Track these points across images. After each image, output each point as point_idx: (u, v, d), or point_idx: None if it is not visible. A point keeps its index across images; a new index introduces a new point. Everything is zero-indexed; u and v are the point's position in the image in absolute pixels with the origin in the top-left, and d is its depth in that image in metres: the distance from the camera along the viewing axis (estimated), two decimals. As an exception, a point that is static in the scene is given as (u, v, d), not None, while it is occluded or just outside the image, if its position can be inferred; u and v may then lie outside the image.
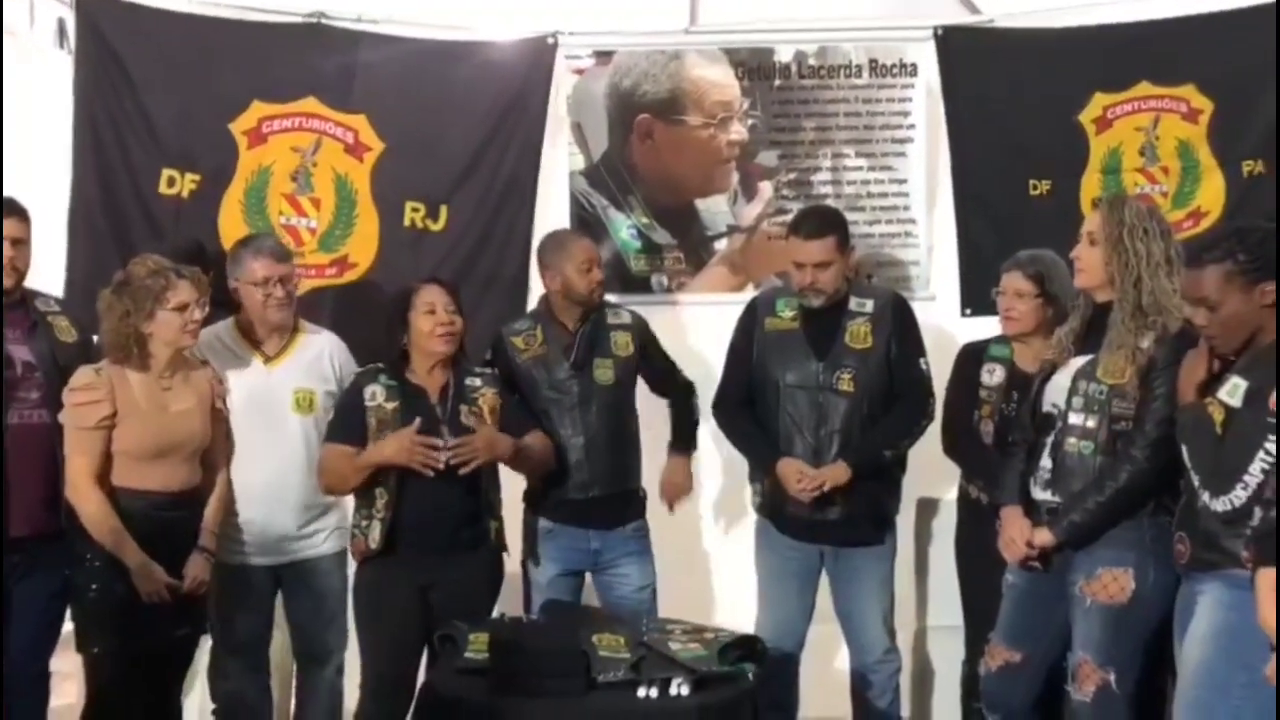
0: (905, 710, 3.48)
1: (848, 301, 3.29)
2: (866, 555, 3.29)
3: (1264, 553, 2.24)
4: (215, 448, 3.07)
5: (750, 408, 3.34)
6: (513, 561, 3.37)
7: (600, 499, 3.32)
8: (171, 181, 3.88)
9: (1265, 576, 2.21)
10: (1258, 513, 2.33)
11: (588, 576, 3.41)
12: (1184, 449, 2.54)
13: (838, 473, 3.17)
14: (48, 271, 3.63)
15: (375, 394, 3.08)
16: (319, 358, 3.30)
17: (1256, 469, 2.36)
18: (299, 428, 3.22)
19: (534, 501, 3.37)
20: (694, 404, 3.51)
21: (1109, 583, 2.73)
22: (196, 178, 3.89)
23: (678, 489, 3.50)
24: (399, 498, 3.02)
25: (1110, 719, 2.76)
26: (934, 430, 3.37)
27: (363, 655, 3.12)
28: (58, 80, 3.86)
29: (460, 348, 3.16)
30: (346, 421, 3.10)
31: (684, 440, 3.50)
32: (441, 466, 2.97)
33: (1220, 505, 2.42)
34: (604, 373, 3.34)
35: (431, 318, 3.09)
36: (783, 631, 3.29)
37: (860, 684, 3.35)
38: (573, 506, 3.31)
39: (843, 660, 3.46)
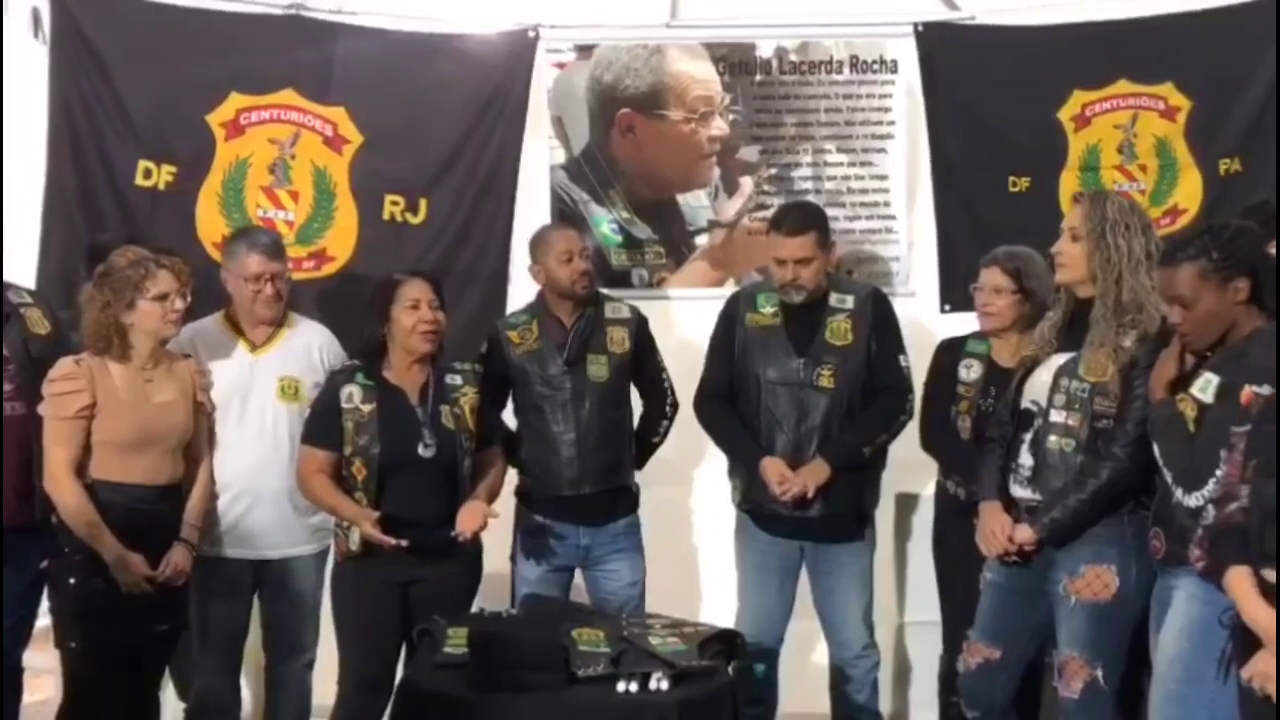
0: (884, 705, 3.49)
1: (828, 297, 3.29)
2: (846, 551, 3.29)
3: (1224, 553, 2.24)
4: (198, 440, 3.05)
5: (731, 403, 3.34)
6: (501, 559, 3.35)
7: (591, 496, 3.30)
8: (148, 173, 3.85)
9: (1237, 576, 2.22)
10: (1210, 511, 2.33)
11: (576, 572, 3.40)
12: (1156, 446, 2.56)
13: (817, 472, 3.17)
14: (22, 263, 3.61)
15: (352, 395, 3.05)
16: (307, 348, 3.29)
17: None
18: (284, 416, 3.20)
19: (526, 498, 3.36)
20: (664, 427, 3.45)
21: (1093, 580, 2.74)
22: (173, 169, 3.86)
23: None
24: (377, 500, 3.00)
25: (1098, 714, 2.77)
26: (912, 426, 3.37)
27: (342, 652, 3.10)
28: (32, 70, 3.82)
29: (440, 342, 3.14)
30: (322, 424, 3.06)
31: (637, 457, 3.44)
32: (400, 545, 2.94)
33: (1193, 501, 2.44)
34: (598, 369, 3.32)
35: (415, 313, 3.05)
36: (762, 627, 3.29)
37: (839, 679, 3.35)
38: (564, 503, 3.30)
39: (822, 655, 3.47)
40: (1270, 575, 2.15)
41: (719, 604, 3.53)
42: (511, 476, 3.33)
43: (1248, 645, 2.21)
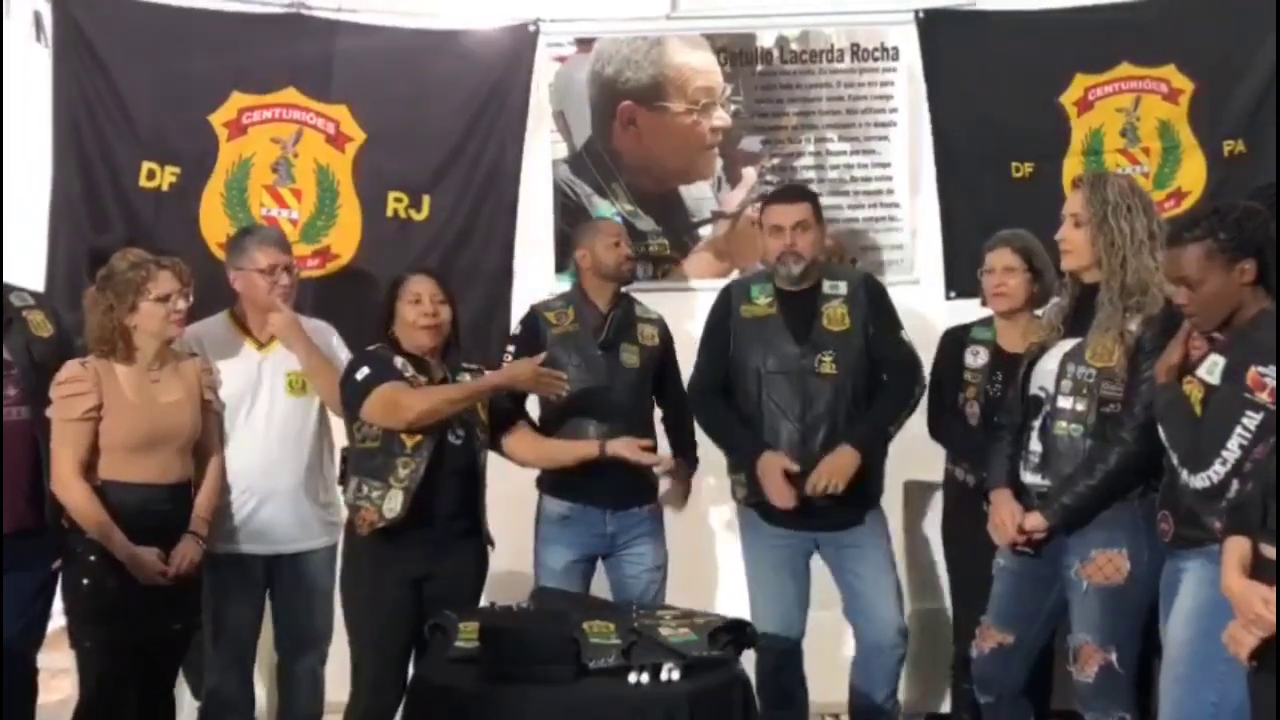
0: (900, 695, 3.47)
1: (821, 285, 3.28)
2: (860, 533, 3.24)
3: (1234, 523, 2.27)
4: (207, 439, 3.06)
5: (727, 397, 3.30)
6: (516, 552, 3.33)
7: (616, 480, 3.28)
8: (151, 174, 3.86)
9: (1232, 545, 2.24)
10: (1235, 485, 2.35)
11: (598, 564, 3.39)
12: (1162, 428, 2.56)
13: (845, 464, 3.10)
14: (29, 266, 3.62)
15: (406, 365, 3.04)
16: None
17: (1235, 445, 2.37)
18: (293, 409, 3.21)
19: (547, 485, 3.35)
20: (691, 421, 3.46)
21: (1104, 564, 2.75)
22: (176, 170, 3.87)
23: (674, 506, 3.51)
24: (422, 478, 2.96)
25: (1114, 697, 2.78)
26: (920, 413, 3.37)
27: (354, 648, 3.10)
28: (35, 74, 3.82)
29: (455, 341, 3.16)
30: (388, 370, 2.99)
31: (688, 459, 3.48)
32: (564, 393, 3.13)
33: (1199, 482, 2.43)
34: (630, 357, 3.35)
35: (416, 307, 3.07)
36: (781, 625, 3.25)
37: (863, 670, 3.28)
38: (590, 487, 3.28)
39: (839, 646, 3.43)
40: (1269, 551, 2.16)
41: (734, 595, 3.51)
42: (524, 473, 3.33)
43: None
